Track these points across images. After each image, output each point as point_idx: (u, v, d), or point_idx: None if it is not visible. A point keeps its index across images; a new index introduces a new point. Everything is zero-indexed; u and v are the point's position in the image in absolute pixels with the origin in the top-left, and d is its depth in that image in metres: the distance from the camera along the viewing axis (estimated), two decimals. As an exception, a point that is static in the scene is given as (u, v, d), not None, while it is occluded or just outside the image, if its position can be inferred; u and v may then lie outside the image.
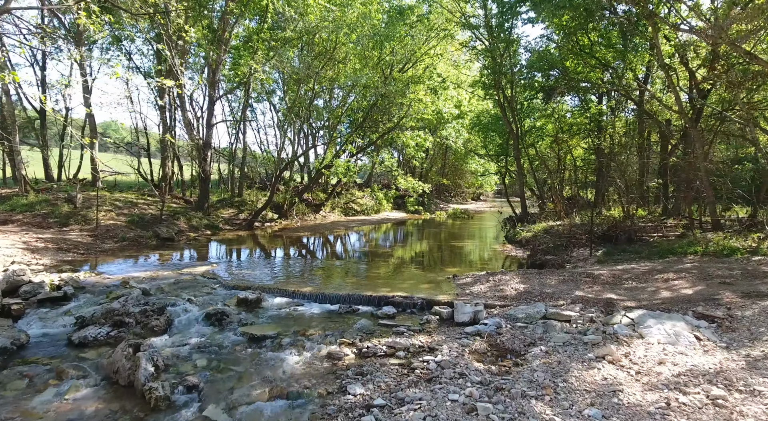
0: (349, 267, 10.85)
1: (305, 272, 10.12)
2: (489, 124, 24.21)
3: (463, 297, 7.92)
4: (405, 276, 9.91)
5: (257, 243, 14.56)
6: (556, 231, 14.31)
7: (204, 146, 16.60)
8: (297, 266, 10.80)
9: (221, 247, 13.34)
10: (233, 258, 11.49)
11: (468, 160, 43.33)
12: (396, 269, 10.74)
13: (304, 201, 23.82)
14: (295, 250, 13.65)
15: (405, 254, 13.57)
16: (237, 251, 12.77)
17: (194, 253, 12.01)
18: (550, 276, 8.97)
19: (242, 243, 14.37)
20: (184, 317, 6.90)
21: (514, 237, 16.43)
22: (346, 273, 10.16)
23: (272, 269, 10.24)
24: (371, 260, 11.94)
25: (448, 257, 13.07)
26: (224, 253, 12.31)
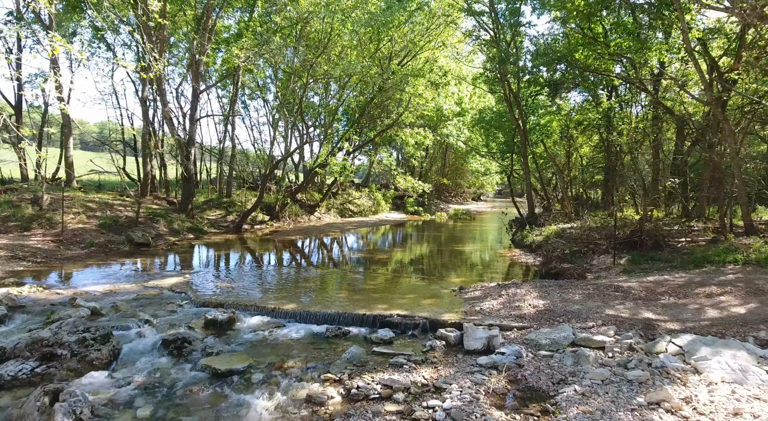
0: (342, 277, 9.64)
1: (291, 282, 8.90)
2: (492, 120, 23.00)
3: (473, 316, 6.72)
4: (404, 288, 8.70)
5: (243, 248, 13.34)
6: (570, 235, 13.11)
7: (187, 143, 15.38)
8: (283, 275, 9.59)
9: (202, 253, 12.11)
10: (212, 266, 10.27)
11: (469, 160, 42.17)
12: (394, 279, 9.53)
13: (298, 202, 22.61)
14: (284, 256, 12.43)
15: (404, 260, 12.36)
16: (219, 257, 11.55)
17: (170, 260, 10.78)
18: (571, 289, 7.77)
19: (226, 248, 13.15)
20: (136, 344, 5.69)
21: (522, 241, 15.23)
22: (338, 284, 8.95)
23: (254, 279, 9.02)
24: (367, 268, 10.73)
25: (451, 264, 11.87)
26: (204, 260, 11.08)
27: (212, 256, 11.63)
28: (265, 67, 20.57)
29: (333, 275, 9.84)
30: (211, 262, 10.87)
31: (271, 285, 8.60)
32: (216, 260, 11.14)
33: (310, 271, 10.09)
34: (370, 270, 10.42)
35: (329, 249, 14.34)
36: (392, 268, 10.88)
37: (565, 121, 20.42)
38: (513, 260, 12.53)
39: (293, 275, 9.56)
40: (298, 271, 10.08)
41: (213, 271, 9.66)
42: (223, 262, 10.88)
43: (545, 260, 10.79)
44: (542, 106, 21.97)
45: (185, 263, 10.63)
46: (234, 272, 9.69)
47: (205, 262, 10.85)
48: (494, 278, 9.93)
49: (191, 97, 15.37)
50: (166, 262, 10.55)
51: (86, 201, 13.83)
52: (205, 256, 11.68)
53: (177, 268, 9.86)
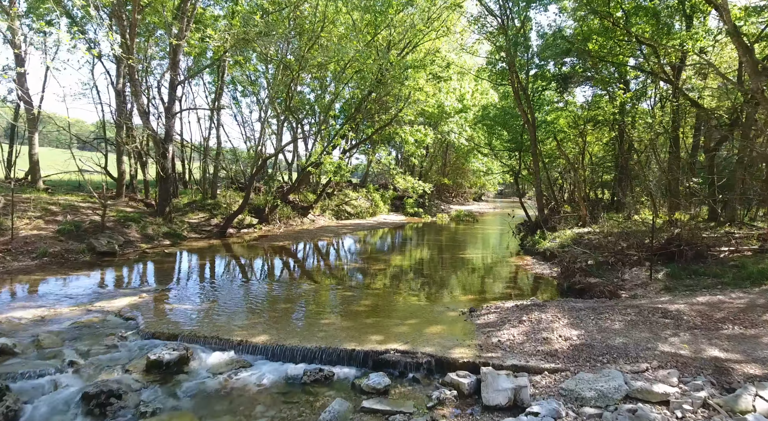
0: (329, 295, 8.21)
1: (268, 302, 7.47)
2: (496, 117, 21.58)
3: (491, 353, 5.30)
4: (403, 309, 7.28)
5: (222, 257, 11.91)
6: (589, 242, 11.71)
7: (164, 139, 13.94)
8: (260, 292, 8.16)
9: (174, 263, 10.68)
10: (179, 281, 8.83)
11: (470, 159, 40.78)
12: (392, 297, 8.11)
13: (290, 203, 21.17)
14: (266, 267, 11.00)
15: (403, 271, 10.94)
16: (190, 269, 10.11)
17: (133, 273, 9.35)
18: (608, 314, 6.35)
19: (204, 257, 11.72)
20: (47, 400, 4.27)
21: (534, 247, 13.82)
22: (325, 304, 7.53)
23: (225, 297, 7.59)
24: (360, 282, 9.31)
25: (457, 276, 10.45)
26: (172, 272, 9.65)
27: (184, 267, 10.20)
28: (258, 61, 19.15)
29: (320, 291, 8.41)
30: (181, 275, 9.43)
31: (244, 306, 7.17)
32: (187, 272, 9.70)
33: (293, 286, 8.66)
34: (364, 285, 8.99)
35: (319, 258, 12.91)
36: (389, 282, 9.46)
37: (574, 118, 19.03)
38: (526, 270, 11.12)
39: (272, 293, 8.13)
40: (279, 287, 8.64)
41: (178, 287, 8.22)
42: (194, 275, 9.44)
43: (565, 271, 9.38)
44: (549, 102, 20.60)
45: (149, 276, 9.19)
46: (203, 288, 8.26)
47: (173, 275, 9.41)
48: (508, 295, 8.52)
49: (168, 88, 13.92)
50: (127, 275, 9.11)
51: (49, 203, 12.39)
52: (176, 267, 10.24)
53: (136, 283, 8.42)
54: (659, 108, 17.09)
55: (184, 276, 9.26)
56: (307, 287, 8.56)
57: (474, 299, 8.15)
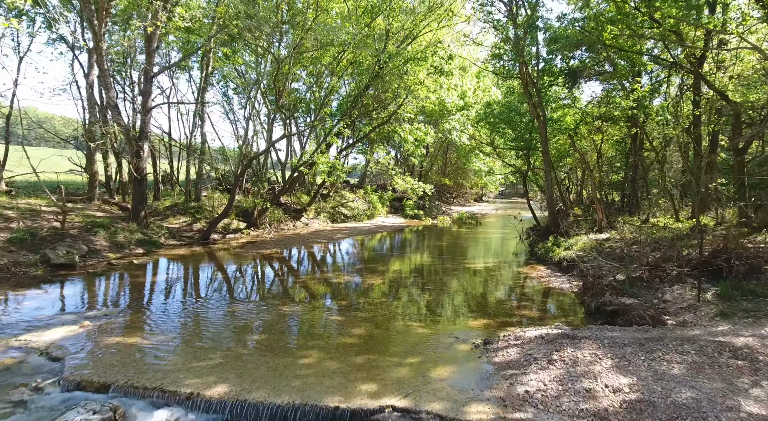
0: (314, 320, 6.89)
1: (238, 332, 6.15)
2: (501, 114, 20.28)
3: (518, 412, 4.00)
4: (402, 341, 5.97)
5: (198, 269, 10.59)
6: (611, 250, 10.42)
7: (138, 136, 12.62)
8: (230, 318, 6.83)
9: (140, 277, 9.35)
10: (137, 301, 7.50)
11: (472, 158, 39.50)
12: (389, 322, 6.80)
13: (282, 206, 19.86)
14: (246, 282, 9.67)
15: (402, 285, 9.62)
16: (156, 285, 8.77)
17: (86, 292, 8.01)
18: (660, 350, 5.05)
19: (177, 269, 10.40)
20: None
21: (547, 255, 12.52)
22: (307, 335, 6.21)
23: (185, 326, 6.28)
24: (351, 303, 7.98)
25: (463, 291, 9.13)
26: (134, 289, 8.31)
27: (149, 282, 8.86)
28: (244, 51, 17.83)
29: (303, 315, 7.09)
30: (142, 293, 8.10)
31: (207, 337, 5.85)
32: (150, 289, 8.37)
33: (271, 308, 7.33)
34: (357, 305, 7.67)
35: (308, 268, 11.58)
36: (386, 300, 8.14)
37: (582, 115, 17.74)
38: (541, 283, 9.81)
39: (245, 318, 6.81)
40: (254, 309, 7.31)
41: (132, 311, 6.89)
42: (157, 293, 8.11)
43: (590, 287, 8.07)
44: (555, 98, 19.34)
45: (103, 296, 7.86)
46: (162, 311, 6.92)
47: (133, 293, 8.08)
48: (527, 317, 7.21)
49: (143, 80, 12.59)
50: (78, 295, 7.77)
51: (5, 208, 11.06)
52: (140, 282, 8.91)
53: (84, 306, 7.07)
54: (678, 102, 15.81)
55: (145, 295, 7.93)
56: (287, 310, 7.23)
57: (487, 323, 6.84)
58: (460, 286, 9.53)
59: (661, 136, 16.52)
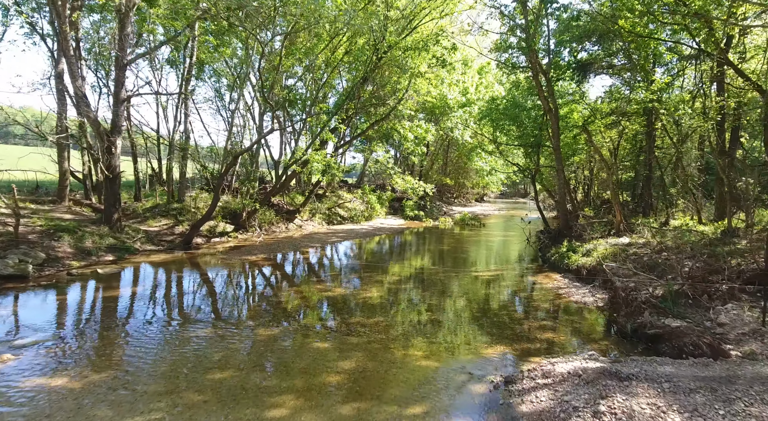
0: (295, 347, 5.69)
1: (192, 371, 4.94)
2: (506, 110, 19.09)
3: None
4: (403, 378, 4.78)
5: (169, 280, 9.39)
6: (638, 258, 9.22)
7: (111, 130, 11.43)
8: (187, 348, 5.62)
9: (100, 290, 8.15)
10: (78, 324, 6.28)
11: (473, 157, 38.34)
12: (385, 352, 5.61)
13: (273, 207, 18.66)
14: (218, 295, 8.45)
15: (401, 300, 8.42)
16: (112, 300, 7.56)
17: (24, 310, 6.80)
18: (741, 400, 3.86)
19: (145, 280, 9.21)
20: None
21: (562, 262, 11.33)
22: (281, 371, 5.01)
23: (133, 358, 5.08)
24: (341, 323, 6.78)
25: (473, 307, 7.94)
26: (86, 307, 7.11)
27: (108, 297, 7.64)
28: (232, 37, 16.61)
29: (279, 342, 5.87)
30: (95, 312, 6.89)
31: (157, 378, 4.65)
32: (106, 306, 7.15)
33: (242, 333, 6.11)
34: (347, 327, 6.47)
35: (294, 278, 10.34)
36: (383, 319, 6.95)
37: (591, 110, 16.57)
38: (560, 296, 8.61)
39: (211, 347, 5.60)
40: (220, 335, 6.10)
41: (74, 338, 5.68)
42: (113, 312, 6.89)
43: (623, 304, 6.88)
44: (562, 93, 18.20)
45: (47, 316, 6.63)
46: (102, 339, 5.71)
47: (84, 313, 6.86)
48: (552, 342, 6.02)
49: (115, 69, 11.39)
50: (10, 315, 6.55)
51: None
52: (97, 297, 7.70)
53: (13, 333, 5.84)
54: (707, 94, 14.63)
55: (96, 316, 6.72)
56: (264, 334, 6.02)
57: (504, 350, 5.65)
58: (468, 300, 8.33)
59: (677, 132, 15.35)
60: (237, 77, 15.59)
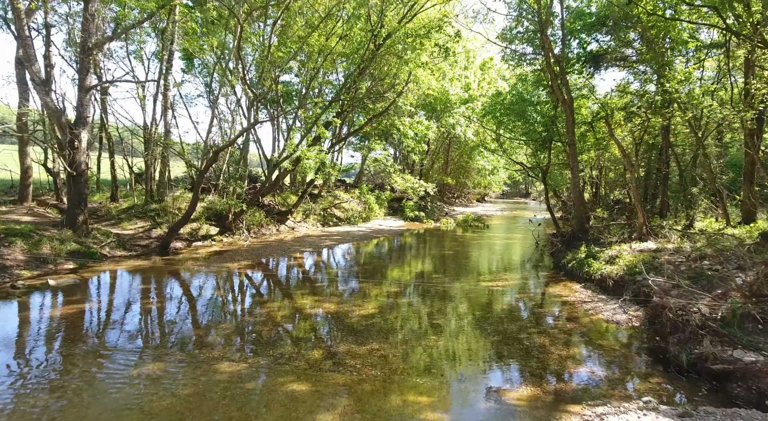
0: (261, 392, 4.44)
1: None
2: (512, 105, 17.86)
3: None
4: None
5: (131, 293, 8.14)
6: (675, 267, 7.99)
7: (75, 122, 10.18)
8: (128, 391, 4.37)
9: (39, 308, 6.90)
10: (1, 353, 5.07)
11: (474, 156, 37.12)
12: (376, 396, 4.37)
13: (264, 207, 17.42)
14: (183, 314, 7.19)
15: (400, 320, 7.17)
16: (52, 322, 6.31)
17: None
18: None
19: (102, 294, 7.97)
20: None
21: (581, 269, 10.09)
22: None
23: (41, 413, 3.84)
24: (325, 355, 5.53)
25: (487, 329, 6.69)
26: (9, 332, 5.87)
27: (44, 317, 6.38)
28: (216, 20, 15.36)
29: (243, 386, 4.62)
30: (11, 340, 5.64)
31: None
32: (31, 329, 5.90)
33: (199, 370, 4.84)
34: (332, 363, 5.22)
35: (275, 294, 9.04)
36: (377, 349, 5.70)
37: (603, 105, 15.34)
38: (586, 313, 7.37)
39: (150, 393, 4.33)
40: (173, 372, 4.84)
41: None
42: (40, 338, 5.63)
43: (667, 326, 5.65)
44: (570, 87, 17.00)
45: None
46: (20, 379, 4.47)
47: (2, 341, 5.62)
48: (590, 382, 4.78)
49: (80, 53, 10.14)
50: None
51: None
52: (29, 318, 6.45)
53: None
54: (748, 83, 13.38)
55: (13, 345, 5.46)
56: (224, 372, 4.76)
57: (534, 395, 4.40)
58: (480, 319, 7.08)
59: (698, 126, 14.10)
60: (219, 59, 14.27)
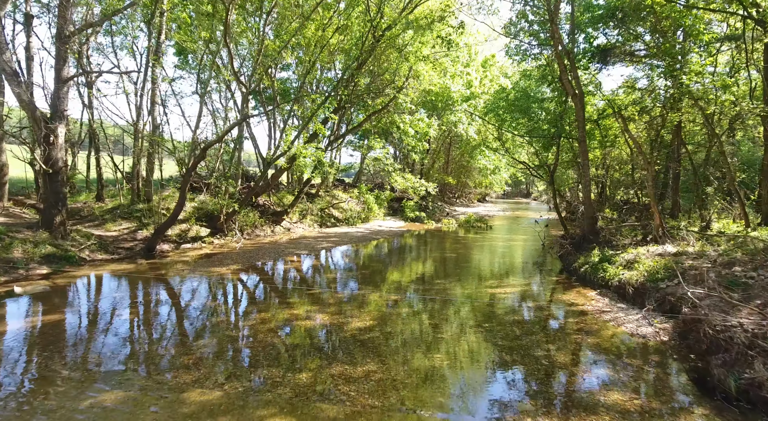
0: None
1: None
2: (517, 101, 17.18)
3: None
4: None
5: (99, 302, 7.42)
6: (696, 271, 7.28)
7: (50, 116, 9.47)
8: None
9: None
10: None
11: (476, 156, 36.42)
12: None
13: (258, 208, 16.71)
14: (156, 329, 6.45)
15: (399, 334, 6.46)
16: (4, 338, 5.61)
17: None
18: None
19: (72, 302, 7.26)
20: None
21: (596, 275, 9.38)
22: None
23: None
24: (313, 378, 4.80)
25: (497, 341, 5.98)
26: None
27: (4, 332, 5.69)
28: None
29: (220, 419, 3.91)
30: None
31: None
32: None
33: (163, 400, 4.16)
34: (321, 385, 4.51)
35: (261, 303, 8.28)
36: (372, 369, 4.99)
37: (609, 102, 14.63)
38: (606, 324, 6.66)
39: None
40: (130, 404, 4.12)
41: None
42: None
43: (706, 345, 4.95)
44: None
45: None
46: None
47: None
48: (622, 412, 4.06)
49: (56, 41, 9.42)
50: None
51: None
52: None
53: None
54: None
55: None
56: (192, 403, 4.02)
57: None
58: (491, 331, 6.37)
59: (710, 123, 13.39)
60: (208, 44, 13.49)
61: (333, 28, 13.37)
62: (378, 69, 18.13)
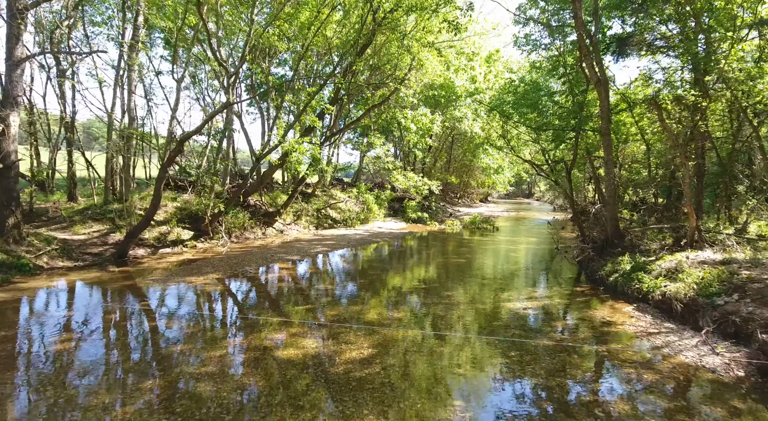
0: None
1: None
2: (527, 94, 15.92)
3: None
4: None
5: (47, 320, 6.18)
6: (759, 283, 6.05)
7: (3, 102, 8.23)
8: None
9: None
10: None
11: (479, 154, 35.20)
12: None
13: (249, 208, 15.46)
14: (105, 358, 5.21)
15: (403, 366, 5.23)
16: None
17: None
18: None
19: (8, 323, 6.03)
20: None
21: (628, 285, 8.13)
22: None
23: None
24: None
25: (522, 376, 4.75)
26: None
27: None
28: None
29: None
30: None
31: None
32: None
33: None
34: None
35: (238, 325, 7.01)
36: (367, 411, 3.74)
37: (625, 95, 13.39)
38: (656, 351, 5.43)
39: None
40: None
41: None
42: None
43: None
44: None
45: None
46: None
47: None
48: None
49: (6, 14, 8.17)
50: None
51: None
52: None
53: None
54: None
55: None
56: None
57: None
58: (517, 365, 5.12)
59: (747, 116, 12.16)
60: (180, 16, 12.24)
61: (328, 10, 12.13)
62: (378, 61, 16.92)
